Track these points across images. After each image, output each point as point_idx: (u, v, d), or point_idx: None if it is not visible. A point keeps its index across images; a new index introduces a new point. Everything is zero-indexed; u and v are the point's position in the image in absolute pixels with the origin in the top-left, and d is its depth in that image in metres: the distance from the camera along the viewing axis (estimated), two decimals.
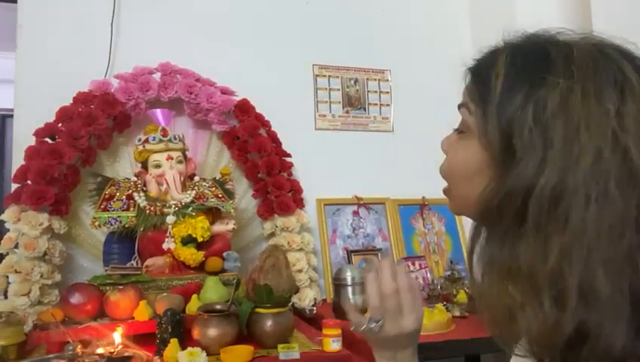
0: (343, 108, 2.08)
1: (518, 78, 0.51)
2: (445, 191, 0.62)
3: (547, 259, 0.46)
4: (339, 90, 2.08)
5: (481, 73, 0.55)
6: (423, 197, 2.05)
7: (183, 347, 1.15)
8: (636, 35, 0.51)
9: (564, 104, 0.47)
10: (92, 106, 1.58)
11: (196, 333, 1.20)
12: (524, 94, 0.49)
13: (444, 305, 1.52)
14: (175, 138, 1.61)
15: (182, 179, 1.60)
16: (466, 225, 2.02)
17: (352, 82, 2.11)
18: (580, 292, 0.44)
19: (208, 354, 1.13)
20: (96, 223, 1.48)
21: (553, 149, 0.47)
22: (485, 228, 0.55)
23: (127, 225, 1.49)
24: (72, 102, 1.60)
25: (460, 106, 0.58)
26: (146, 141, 1.58)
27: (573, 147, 0.46)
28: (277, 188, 1.72)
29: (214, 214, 1.62)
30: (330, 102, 2.07)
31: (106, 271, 1.41)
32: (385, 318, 0.64)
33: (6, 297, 1.39)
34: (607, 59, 0.49)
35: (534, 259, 0.46)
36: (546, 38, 0.53)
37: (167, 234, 1.49)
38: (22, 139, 1.58)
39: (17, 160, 1.53)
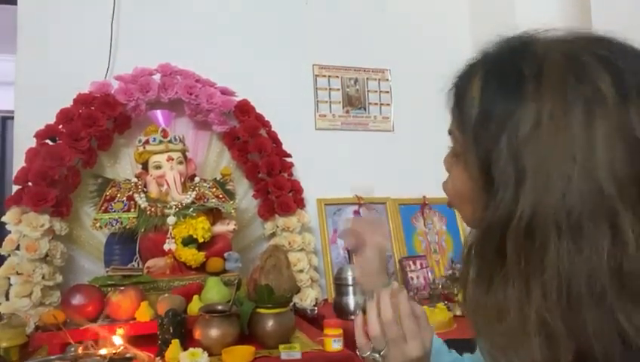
0: (343, 108, 2.08)
1: (492, 103, 0.48)
2: (449, 205, 0.60)
3: (531, 302, 0.43)
4: (339, 89, 2.08)
5: (459, 98, 0.53)
6: (424, 197, 2.05)
7: (185, 347, 1.15)
8: (637, 32, 0.51)
9: (534, 130, 0.44)
10: (92, 108, 1.58)
11: (198, 334, 1.20)
12: (497, 122, 0.47)
13: (446, 304, 1.53)
14: (175, 139, 1.61)
15: (182, 179, 1.60)
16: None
17: (352, 82, 2.11)
18: (567, 333, 0.42)
19: (210, 355, 1.13)
20: (97, 224, 1.48)
21: (525, 179, 0.44)
22: (474, 264, 0.51)
23: (128, 227, 1.49)
24: (72, 103, 1.59)
25: (449, 132, 0.56)
26: (147, 142, 1.58)
27: (542, 176, 0.43)
28: (277, 189, 1.72)
29: (215, 215, 1.62)
30: (330, 102, 2.07)
31: (107, 272, 1.42)
32: (388, 347, 0.63)
33: (8, 299, 1.39)
34: (580, 72, 0.45)
35: (520, 302, 0.44)
36: (520, 49, 0.49)
37: (168, 235, 1.49)
38: (22, 140, 1.58)
39: (18, 162, 1.53)
